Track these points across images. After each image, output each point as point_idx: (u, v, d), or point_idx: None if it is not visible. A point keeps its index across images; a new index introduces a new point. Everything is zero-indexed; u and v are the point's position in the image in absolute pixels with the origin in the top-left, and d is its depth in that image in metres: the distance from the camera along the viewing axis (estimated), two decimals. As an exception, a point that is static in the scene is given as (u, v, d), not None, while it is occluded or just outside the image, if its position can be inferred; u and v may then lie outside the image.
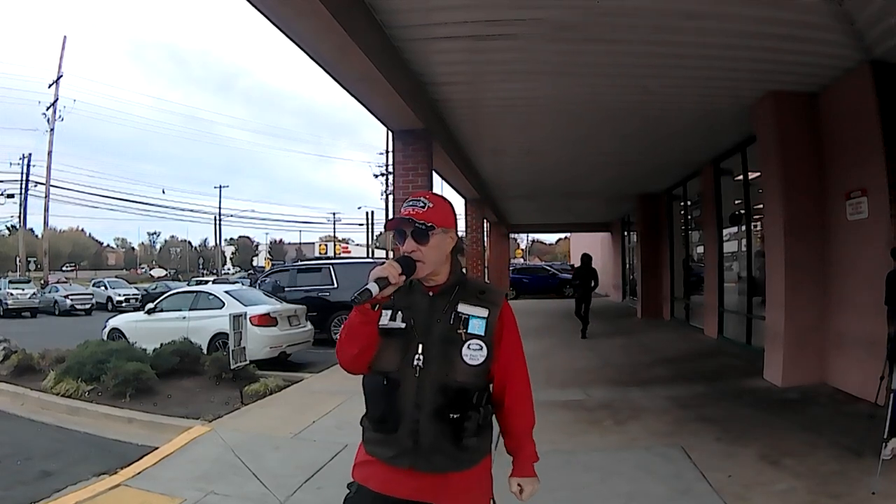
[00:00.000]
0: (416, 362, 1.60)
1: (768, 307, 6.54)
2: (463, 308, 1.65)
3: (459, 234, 1.75)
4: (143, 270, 65.10)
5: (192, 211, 72.93)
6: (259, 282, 13.20)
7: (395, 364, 1.61)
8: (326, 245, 53.34)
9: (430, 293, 1.67)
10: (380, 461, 1.61)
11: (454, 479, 1.61)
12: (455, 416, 1.57)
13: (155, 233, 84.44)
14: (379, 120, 6.13)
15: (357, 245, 55.30)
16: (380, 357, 1.63)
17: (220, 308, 8.67)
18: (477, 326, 1.64)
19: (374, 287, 1.51)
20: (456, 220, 1.72)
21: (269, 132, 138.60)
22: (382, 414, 1.60)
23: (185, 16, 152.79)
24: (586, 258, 10.95)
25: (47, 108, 29.70)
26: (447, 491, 1.60)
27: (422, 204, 1.65)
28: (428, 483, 1.59)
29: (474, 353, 1.62)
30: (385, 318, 1.62)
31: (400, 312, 1.63)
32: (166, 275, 53.66)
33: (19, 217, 32.15)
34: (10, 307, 20.89)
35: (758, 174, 7.54)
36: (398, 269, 1.55)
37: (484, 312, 1.66)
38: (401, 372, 1.60)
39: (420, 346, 1.61)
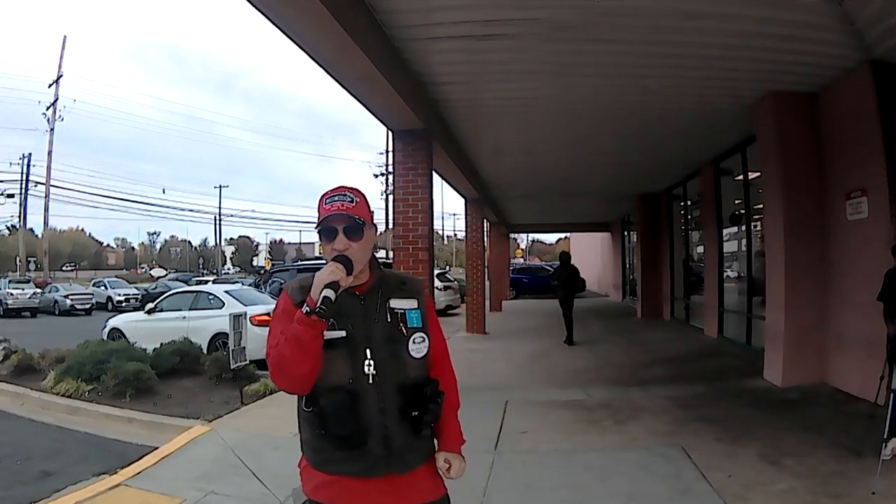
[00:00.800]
0: (367, 369, 1.53)
1: (768, 307, 6.54)
2: (395, 303, 1.61)
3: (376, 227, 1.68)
4: (143, 270, 65.10)
5: (192, 211, 72.96)
6: (267, 283, 13.08)
7: (349, 375, 1.52)
8: (326, 245, 53.25)
9: (358, 293, 1.58)
10: (348, 477, 1.53)
11: (422, 471, 1.62)
12: (415, 413, 1.56)
13: (155, 233, 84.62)
14: (379, 120, 6.13)
15: (357, 245, 55.03)
16: (327, 371, 1.51)
17: (220, 308, 8.67)
18: (415, 319, 1.62)
19: (331, 293, 1.43)
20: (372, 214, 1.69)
21: (269, 132, 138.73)
22: (350, 431, 1.50)
23: (185, 16, 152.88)
24: (565, 257, 10.53)
25: (47, 108, 29.79)
26: (419, 485, 1.61)
27: (349, 199, 1.56)
28: (403, 483, 1.57)
29: (419, 347, 1.60)
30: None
31: (332, 320, 1.50)
32: (166, 275, 53.70)
33: (19, 217, 32.25)
34: (10, 307, 20.90)
35: (758, 174, 7.54)
36: (343, 269, 1.48)
37: (414, 304, 1.63)
38: (356, 382, 1.52)
39: (368, 351, 1.54)
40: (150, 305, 9.81)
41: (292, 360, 1.45)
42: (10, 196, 31.31)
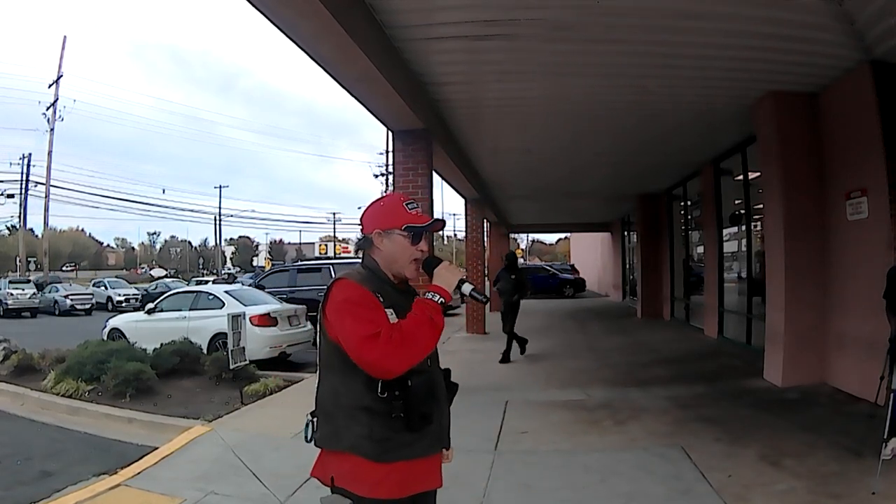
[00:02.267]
0: None
1: (768, 307, 6.53)
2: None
3: None
4: (143, 270, 65.05)
5: (192, 211, 73.04)
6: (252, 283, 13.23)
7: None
8: (326, 245, 53.36)
9: (401, 288, 1.74)
10: (408, 461, 1.60)
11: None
12: (451, 395, 1.79)
13: (155, 233, 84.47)
14: (379, 120, 6.13)
15: (357, 245, 55.14)
16: None
17: (220, 308, 8.67)
18: None
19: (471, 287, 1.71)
20: None
21: (269, 132, 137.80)
22: (432, 409, 1.62)
23: (185, 16, 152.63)
24: (511, 257, 8.91)
25: (47, 108, 29.72)
26: (439, 466, 1.74)
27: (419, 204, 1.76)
28: (438, 462, 1.72)
29: None
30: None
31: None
32: (166, 275, 53.63)
33: (19, 217, 32.18)
34: (10, 307, 20.89)
35: (758, 174, 7.54)
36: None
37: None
38: (423, 365, 1.63)
39: None
40: (150, 305, 9.81)
41: (426, 342, 1.57)
42: (10, 196, 31.26)
